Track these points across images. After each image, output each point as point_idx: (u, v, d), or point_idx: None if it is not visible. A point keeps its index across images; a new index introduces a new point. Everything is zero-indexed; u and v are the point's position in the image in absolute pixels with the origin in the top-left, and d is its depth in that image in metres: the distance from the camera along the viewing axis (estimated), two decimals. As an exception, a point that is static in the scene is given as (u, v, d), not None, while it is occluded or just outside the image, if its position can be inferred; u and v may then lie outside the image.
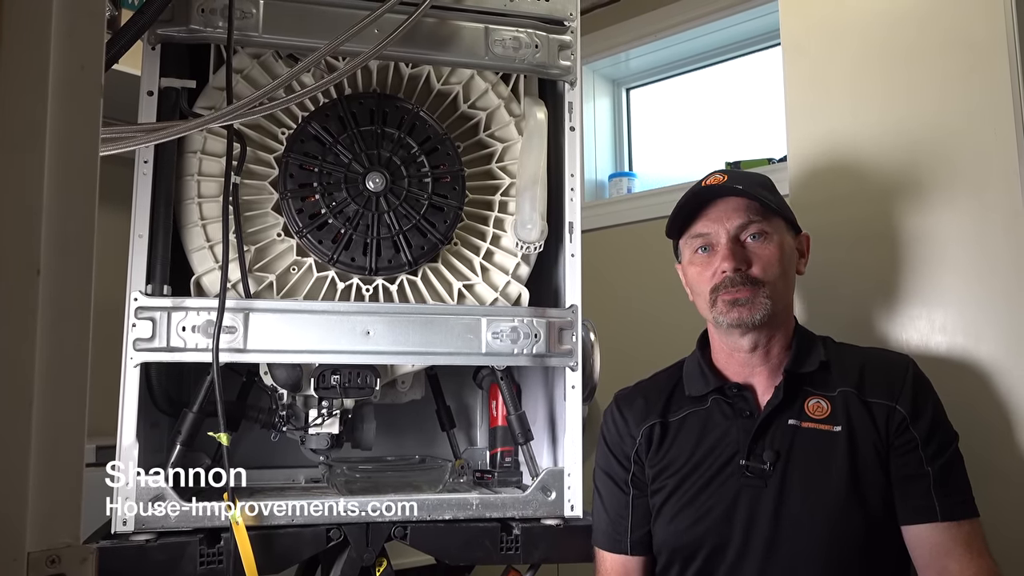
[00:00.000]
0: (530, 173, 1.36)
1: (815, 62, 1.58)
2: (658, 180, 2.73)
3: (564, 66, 1.40)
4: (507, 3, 1.38)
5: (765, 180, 1.27)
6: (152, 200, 1.24)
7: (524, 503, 1.32)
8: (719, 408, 1.24)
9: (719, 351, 1.29)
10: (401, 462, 1.51)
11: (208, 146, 1.29)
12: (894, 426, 1.15)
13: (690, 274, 1.28)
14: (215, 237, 1.27)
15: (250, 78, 1.31)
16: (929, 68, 1.41)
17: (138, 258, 1.22)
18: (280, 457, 1.51)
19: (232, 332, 1.22)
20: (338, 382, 1.30)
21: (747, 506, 1.17)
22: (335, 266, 1.30)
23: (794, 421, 1.19)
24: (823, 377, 1.21)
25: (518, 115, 1.42)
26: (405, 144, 1.32)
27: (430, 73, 1.40)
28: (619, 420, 1.32)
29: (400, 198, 1.30)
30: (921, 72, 1.42)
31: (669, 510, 1.23)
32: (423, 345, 1.29)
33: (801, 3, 1.62)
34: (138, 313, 1.20)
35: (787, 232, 1.25)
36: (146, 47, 1.25)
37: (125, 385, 1.19)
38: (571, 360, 1.35)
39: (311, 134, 1.30)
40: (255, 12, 1.25)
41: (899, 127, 1.44)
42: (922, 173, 1.40)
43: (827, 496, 1.14)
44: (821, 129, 1.56)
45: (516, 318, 1.33)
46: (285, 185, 1.28)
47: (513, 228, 1.36)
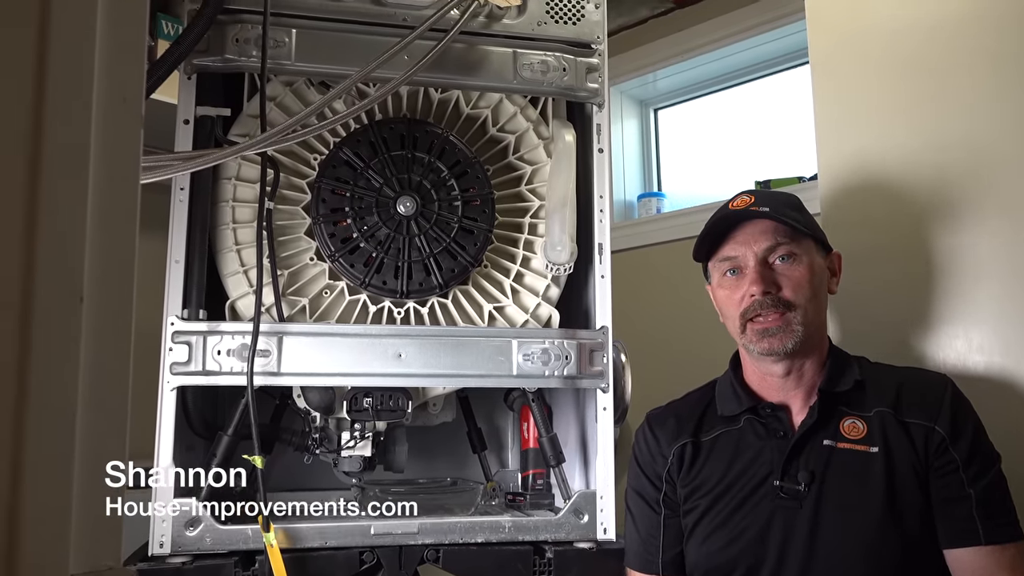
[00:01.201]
0: (559, 195, 1.37)
1: (844, 80, 1.57)
2: (687, 200, 2.72)
3: (592, 88, 1.41)
4: (535, 27, 1.39)
5: (793, 200, 1.27)
6: (188, 226, 1.26)
7: (557, 526, 1.31)
8: (752, 428, 1.23)
9: (751, 372, 1.27)
10: (433, 484, 1.51)
11: (242, 172, 1.32)
12: (933, 447, 1.13)
13: (719, 297, 1.27)
14: (249, 262, 1.29)
15: (283, 105, 1.33)
16: (959, 83, 1.40)
17: (175, 283, 1.24)
18: (313, 480, 1.52)
19: (266, 356, 1.23)
20: (370, 405, 1.30)
21: (781, 527, 1.15)
22: (367, 289, 1.31)
23: (829, 442, 1.17)
24: (858, 397, 1.20)
25: (547, 138, 1.43)
26: (435, 168, 1.34)
27: (459, 97, 1.41)
28: (651, 440, 1.31)
29: (431, 221, 1.31)
30: (951, 88, 1.41)
31: (702, 531, 1.22)
32: (454, 367, 1.29)
33: (828, 21, 1.61)
34: (175, 337, 1.22)
35: (817, 252, 1.24)
36: (182, 76, 1.28)
37: (162, 408, 1.21)
38: (602, 382, 1.35)
39: (343, 159, 1.32)
40: (288, 41, 1.28)
41: (929, 144, 1.43)
42: (953, 190, 1.39)
43: (864, 517, 1.12)
44: (851, 147, 1.55)
45: (547, 340, 1.33)
46: (317, 210, 1.29)
47: (543, 250, 1.36)
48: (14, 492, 0.46)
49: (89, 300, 0.50)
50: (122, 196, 0.54)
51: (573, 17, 1.40)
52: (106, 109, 0.53)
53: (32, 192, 0.49)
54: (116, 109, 0.54)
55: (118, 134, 0.54)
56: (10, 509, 0.46)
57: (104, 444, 0.51)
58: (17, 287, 0.48)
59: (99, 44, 0.53)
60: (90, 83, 0.52)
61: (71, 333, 0.49)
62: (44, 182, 0.49)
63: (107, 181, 0.53)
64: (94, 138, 0.52)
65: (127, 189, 0.54)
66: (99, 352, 0.51)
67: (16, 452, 0.47)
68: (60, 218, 0.49)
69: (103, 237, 0.52)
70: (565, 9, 1.40)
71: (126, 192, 0.54)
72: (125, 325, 0.53)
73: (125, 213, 0.54)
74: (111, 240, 0.52)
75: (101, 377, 0.51)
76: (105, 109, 0.53)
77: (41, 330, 0.48)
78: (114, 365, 0.52)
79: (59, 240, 0.50)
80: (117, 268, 0.53)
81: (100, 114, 0.53)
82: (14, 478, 0.46)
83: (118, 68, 0.55)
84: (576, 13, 1.41)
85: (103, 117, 0.53)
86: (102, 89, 0.53)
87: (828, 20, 1.62)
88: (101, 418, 0.51)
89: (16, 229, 0.48)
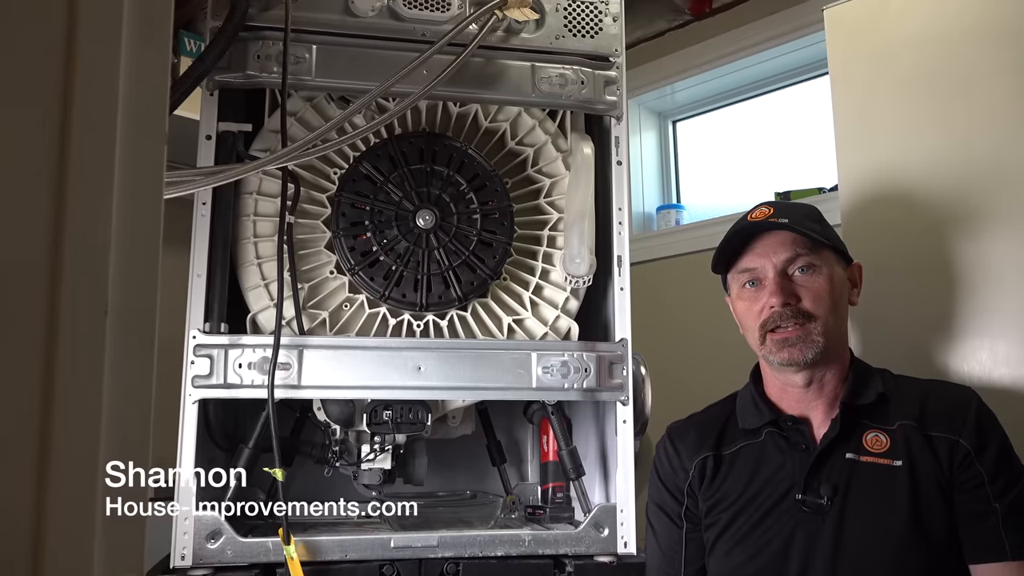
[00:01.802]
0: (578, 208, 1.37)
1: (864, 90, 1.57)
2: (707, 211, 2.72)
3: (610, 101, 1.41)
4: (553, 41, 1.39)
5: (813, 211, 1.26)
6: (210, 240, 1.27)
7: (577, 540, 1.30)
8: (774, 441, 1.22)
9: (772, 384, 1.27)
10: (452, 498, 1.51)
11: (263, 187, 1.33)
12: (958, 461, 1.11)
13: (738, 309, 1.27)
14: (270, 275, 1.30)
15: (303, 120, 1.35)
16: (980, 93, 1.39)
17: (197, 297, 1.25)
18: (333, 492, 1.52)
19: (287, 368, 1.24)
20: (390, 417, 1.31)
21: (804, 541, 1.14)
22: (386, 302, 1.32)
23: (852, 455, 1.16)
24: (881, 410, 1.18)
25: (565, 151, 1.43)
26: (454, 182, 1.34)
27: (478, 111, 1.42)
28: (671, 453, 1.30)
29: (450, 235, 1.32)
30: (972, 98, 1.40)
31: (724, 545, 1.21)
32: (473, 380, 1.29)
33: (848, 31, 1.61)
34: (196, 351, 1.23)
35: (837, 263, 1.23)
36: (204, 93, 1.30)
37: (184, 421, 1.22)
38: (622, 394, 1.34)
39: (362, 173, 1.33)
40: (308, 57, 1.29)
41: (951, 154, 1.42)
42: (976, 201, 1.38)
43: (888, 532, 1.10)
44: (871, 157, 1.54)
45: (566, 352, 1.33)
46: (337, 224, 1.30)
47: (562, 263, 1.36)
48: (39, 504, 0.47)
49: (113, 313, 0.51)
50: (146, 211, 0.55)
51: (591, 31, 1.41)
52: (131, 126, 0.54)
53: (59, 206, 0.49)
54: (141, 125, 0.55)
55: (142, 150, 0.55)
56: (35, 521, 0.47)
57: (128, 455, 0.52)
58: (43, 300, 0.49)
59: (124, 63, 0.54)
60: (115, 100, 0.53)
61: (96, 345, 0.50)
62: (71, 197, 0.50)
63: (132, 196, 0.54)
64: (119, 154, 0.53)
65: (151, 204, 0.55)
66: (123, 364, 0.52)
67: (42, 463, 0.47)
68: (86, 232, 0.50)
69: (128, 251, 0.52)
70: (583, 23, 1.41)
71: (150, 207, 0.55)
72: (148, 338, 0.53)
73: (149, 227, 0.55)
74: (135, 254, 0.53)
75: (125, 389, 0.52)
76: (130, 126, 0.54)
77: (67, 342, 0.49)
78: (137, 377, 0.53)
79: (85, 254, 0.50)
80: (141, 282, 0.53)
81: (125, 130, 0.53)
82: (39, 489, 0.47)
83: (143, 86, 0.56)
84: (594, 27, 1.41)
85: (128, 133, 0.54)
86: (127, 106, 0.54)
87: (847, 31, 1.61)
88: (125, 430, 0.52)
89: (43, 243, 0.49)
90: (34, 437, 0.47)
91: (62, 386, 0.48)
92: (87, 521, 0.49)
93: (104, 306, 0.51)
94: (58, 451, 0.47)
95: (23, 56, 0.50)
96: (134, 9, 0.55)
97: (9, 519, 0.46)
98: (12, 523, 0.46)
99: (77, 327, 0.49)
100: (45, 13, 0.51)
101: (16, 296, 0.48)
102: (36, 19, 0.51)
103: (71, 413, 0.48)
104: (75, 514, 0.48)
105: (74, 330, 0.49)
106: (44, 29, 0.51)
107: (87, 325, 0.50)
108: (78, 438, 0.48)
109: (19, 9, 0.51)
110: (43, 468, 0.47)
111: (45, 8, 0.51)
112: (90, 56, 0.52)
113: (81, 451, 0.49)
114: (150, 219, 0.55)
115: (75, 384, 0.49)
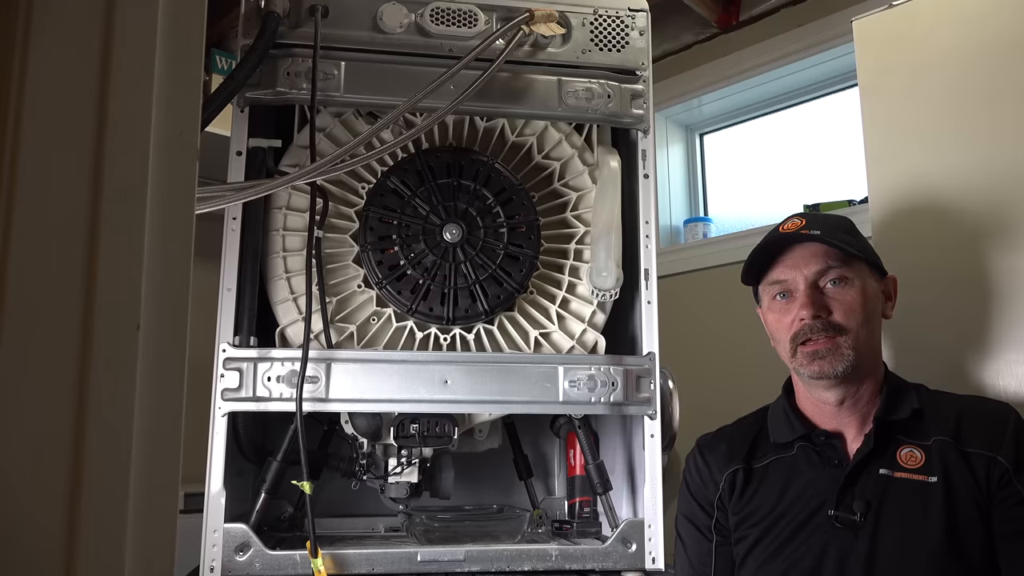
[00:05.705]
0: (604, 221, 1.36)
1: (893, 101, 1.55)
2: (735, 224, 2.70)
3: (637, 115, 1.41)
4: (579, 55, 1.40)
5: (845, 222, 1.25)
6: (240, 255, 1.28)
7: (604, 555, 1.29)
8: (806, 456, 1.20)
9: (804, 398, 1.25)
10: (479, 511, 1.50)
11: (293, 202, 1.34)
12: (995, 478, 1.09)
13: (769, 321, 1.25)
14: (299, 289, 1.31)
15: (332, 136, 1.36)
16: (1011, 104, 1.37)
17: (227, 311, 1.27)
18: (360, 506, 1.53)
19: (315, 382, 1.25)
20: (417, 431, 1.31)
21: (836, 558, 1.12)
22: (414, 316, 1.32)
23: (886, 471, 1.14)
24: (917, 425, 1.16)
25: (592, 164, 1.43)
26: (481, 196, 1.35)
27: (504, 125, 1.43)
28: (701, 465, 1.29)
29: (476, 248, 1.32)
30: (1003, 108, 1.38)
31: (754, 560, 1.19)
32: (500, 394, 1.29)
33: (876, 43, 1.60)
34: (226, 364, 1.24)
35: (870, 276, 1.21)
36: (235, 110, 1.31)
37: (213, 434, 1.23)
38: (649, 408, 1.33)
39: (390, 188, 1.33)
40: (337, 73, 1.31)
41: (982, 166, 1.40)
42: (1009, 213, 1.36)
43: (923, 549, 1.08)
44: (902, 169, 1.52)
45: (593, 366, 1.32)
46: (365, 238, 1.31)
47: (588, 276, 1.36)
48: (71, 517, 0.48)
49: (145, 327, 0.52)
50: (178, 226, 0.55)
51: (617, 44, 1.41)
52: (164, 143, 0.55)
53: (93, 222, 0.50)
54: (173, 142, 0.55)
55: (175, 166, 0.56)
56: (68, 534, 0.47)
57: (159, 468, 0.52)
58: (77, 315, 0.49)
59: (157, 81, 0.55)
60: (148, 118, 0.54)
61: (129, 360, 0.51)
62: (104, 213, 0.51)
63: (164, 211, 0.54)
64: (152, 170, 0.54)
65: (183, 219, 0.56)
66: (154, 378, 0.52)
67: (74, 477, 0.48)
68: (119, 247, 0.51)
69: (159, 266, 0.53)
70: (609, 37, 1.41)
71: (182, 222, 0.56)
72: (179, 352, 0.54)
73: (180, 242, 0.55)
74: (167, 268, 0.54)
75: (156, 402, 0.52)
76: (163, 143, 0.55)
77: (100, 357, 0.49)
78: (169, 391, 0.53)
79: (117, 269, 0.51)
80: (172, 296, 0.54)
81: (158, 147, 0.54)
82: (72, 503, 0.48)
83: (176, 104, 0.56)
84: (620, 40, 1.41)
85: (161, 150, 0.54)
86: (160, 123, 0.55)
87: (876, 42, 1.60)
88: (156, 443, 0.52)
89: (77, 258, 0.50)
90: (67, 451, 0.47)
91: (94, 401, 0.49)
92: (118, 536, 0.49)
93: (136, 321, 0.51)
94: (90, 466, 0.48)
95: (61, 73, 0.51)
96: (167, 29, 0.56)
97: (42, 535, 0.47)
98: (45, 538, 0.47)
99: (110, 342, 0.50)
100: (83, 32, 0.52)
101: (50, 312, 0.49)
102: (73, 40, 0.52)
103: (103, 427, 0.49)
104: (106, 529, 0.49)
105: (107, 345, 0.50)
106: (81, 49, 0.52)
107: (121, 340, 0.51)
108: (110, 453, 0.49)
109: (57, 30, 0.52)
110: (75, 482, 0.47)
111: (82, 28, 0.52)
112: (125, 76, 0.53)
113: (113, 466, 0.49)
114: (182, 234, 0.56)
115: (107, 398, 0.49)
